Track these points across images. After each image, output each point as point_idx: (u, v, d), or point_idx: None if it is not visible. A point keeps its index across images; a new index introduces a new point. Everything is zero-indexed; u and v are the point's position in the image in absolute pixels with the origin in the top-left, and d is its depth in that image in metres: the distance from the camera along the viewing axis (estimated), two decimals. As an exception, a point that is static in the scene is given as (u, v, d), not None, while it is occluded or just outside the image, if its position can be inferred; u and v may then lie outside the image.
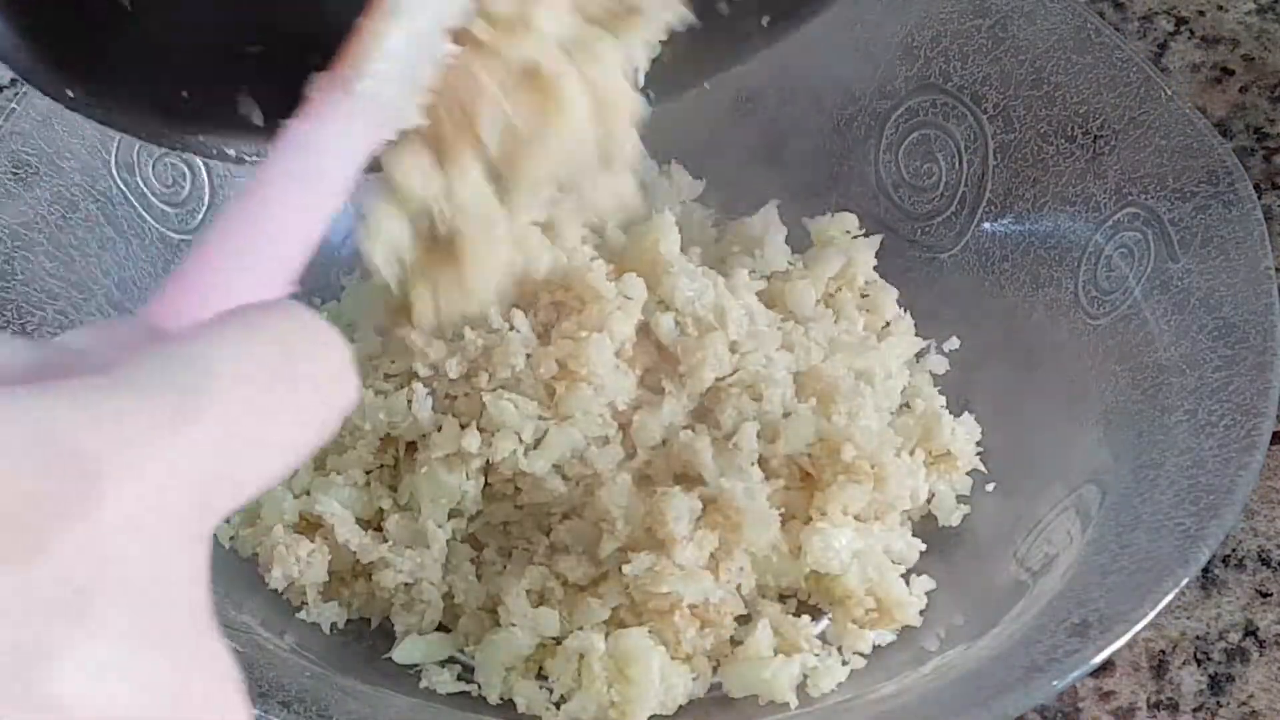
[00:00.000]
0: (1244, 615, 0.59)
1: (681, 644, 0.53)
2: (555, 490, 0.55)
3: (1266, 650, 0.58)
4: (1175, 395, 0.55)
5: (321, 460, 0.57)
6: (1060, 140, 0.61)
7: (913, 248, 0.66)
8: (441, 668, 0.54)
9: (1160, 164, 0.58)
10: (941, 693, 0.49)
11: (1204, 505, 0.50)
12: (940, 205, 0.65)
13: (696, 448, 0.55)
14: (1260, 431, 0.51)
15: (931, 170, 0.65)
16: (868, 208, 0.66)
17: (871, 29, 0.65)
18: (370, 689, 0.51)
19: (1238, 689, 0.57)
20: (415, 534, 0.55)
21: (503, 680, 0.53)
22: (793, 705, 0.53)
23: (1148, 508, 0.52)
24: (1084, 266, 0.60)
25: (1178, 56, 0.76)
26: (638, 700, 0.51)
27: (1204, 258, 0.56)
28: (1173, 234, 0.57)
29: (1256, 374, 0.53)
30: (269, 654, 0.51)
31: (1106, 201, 0.60)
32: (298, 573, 0.54)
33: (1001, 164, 0.63)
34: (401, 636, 0.55)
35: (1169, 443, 0.53)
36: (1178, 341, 0.56)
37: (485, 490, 0.56)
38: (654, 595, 0.53)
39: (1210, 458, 0.51)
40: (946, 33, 0.64)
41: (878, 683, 0.53)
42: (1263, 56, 0.75)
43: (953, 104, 0.64)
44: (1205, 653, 0.58)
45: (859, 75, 0.66)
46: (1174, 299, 0.57)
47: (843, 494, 0.55)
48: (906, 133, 0.66)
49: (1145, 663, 0.58)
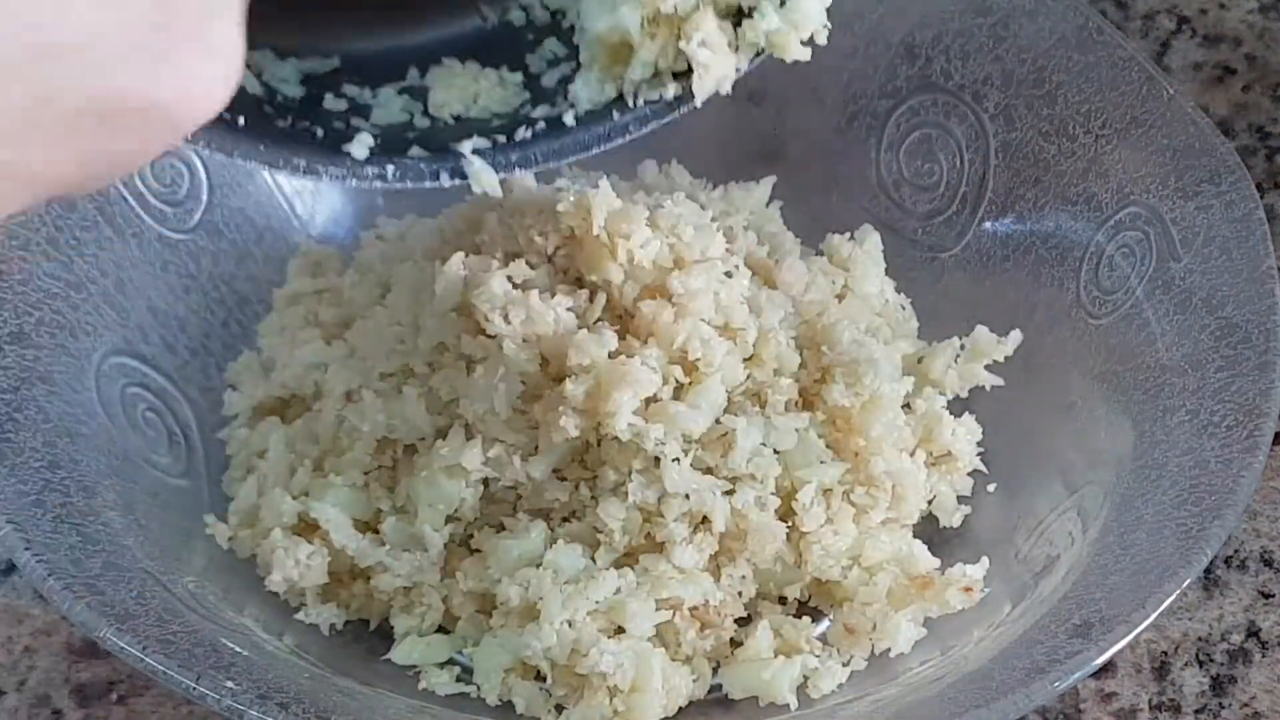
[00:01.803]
0: (1246, 616, 0.59)
1: (682, 645, 0.53)
2: (555, 495, 0.55)
3: (1269, 651, 0.58)
4: (1177, 395, 0.54)
5: (320, 462, 0.57)
6: (1062, 139, 0.61)
7: (914, 247, 0.65)
8: (440, 669, 0.54)
9: (1162, 163, 0.58)
10: (943, 694, 0.49)
11: (1206, 506, 0.50)
12: (941, 205, 0.65)
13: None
14: (1262, 432, 0.51)
15: (933, 170, 0.65)
16: (868, 207, 0.66)
17: (872, 29, 0.65)
18: (369, 690, 0.51)
19: (1240, 690, 0.57)
20: (412, 537, 0.55)
21: (501, 681, 0.53)
22: (793, 706, 0.53)
23: (1150, 508, 0.52)
24: (1085, 266, 0.60)
25: (1180, 55, 0.75)
26: (641, 709, 0.51)
27: (1206, 257, 0.56)
28: (1174, 233, 0.57)
29: (1259, 374, 0.53)
30: (268, 655, 0.50)
31: (1108, 201, 0.60)
32: (297, 575, 0.54)
33: (1003, 163, 0.63)
34: (400, 638, 0.55)
35: (1171, 443, 0.53)
36: (1180, 341, 0.56)
37: (485, 494, 0.56)
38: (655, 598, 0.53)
39: (1212, 458, 0.51)
40: (948, 32, 0.64)
41: (878, 684, 0.53)
42: (1265, 55, 0.75)
43: (954, 103, 0.64)
44: (1207, 654, 0.58)
45: (859, 75, 0.66)
46: (1176, 299, 0.57)
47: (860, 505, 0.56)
48: (908, 132, 0.65)
49: (1147, 664, 0.57)
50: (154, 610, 0.48)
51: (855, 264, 0.63)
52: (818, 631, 0.56)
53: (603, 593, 0.52)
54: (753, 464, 0.54)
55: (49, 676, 0.57)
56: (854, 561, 0.56)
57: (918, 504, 0.57)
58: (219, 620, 0.51)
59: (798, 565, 0.55)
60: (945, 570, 0.56)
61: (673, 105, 0.46)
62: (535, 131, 0.46)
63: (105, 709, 0.56)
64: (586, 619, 0.52)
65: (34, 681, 0.57)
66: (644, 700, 0.51)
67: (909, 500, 0.57)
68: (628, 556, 0.54)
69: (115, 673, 0.57)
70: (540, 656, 0.52)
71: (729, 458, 0.54)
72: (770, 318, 0.57)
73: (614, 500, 0.54)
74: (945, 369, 0.62)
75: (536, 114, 0.47)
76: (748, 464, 0.54)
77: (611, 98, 0.46)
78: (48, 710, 0.56)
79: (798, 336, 0.58)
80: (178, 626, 0.48)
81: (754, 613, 0.56)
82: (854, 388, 0.56)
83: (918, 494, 0.57)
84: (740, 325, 0.56)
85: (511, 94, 0.49)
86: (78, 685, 0.57)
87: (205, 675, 0.45)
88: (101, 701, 0.57)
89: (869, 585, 0.55)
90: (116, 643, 0.46)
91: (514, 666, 0.53)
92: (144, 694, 0.57)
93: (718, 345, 0.54)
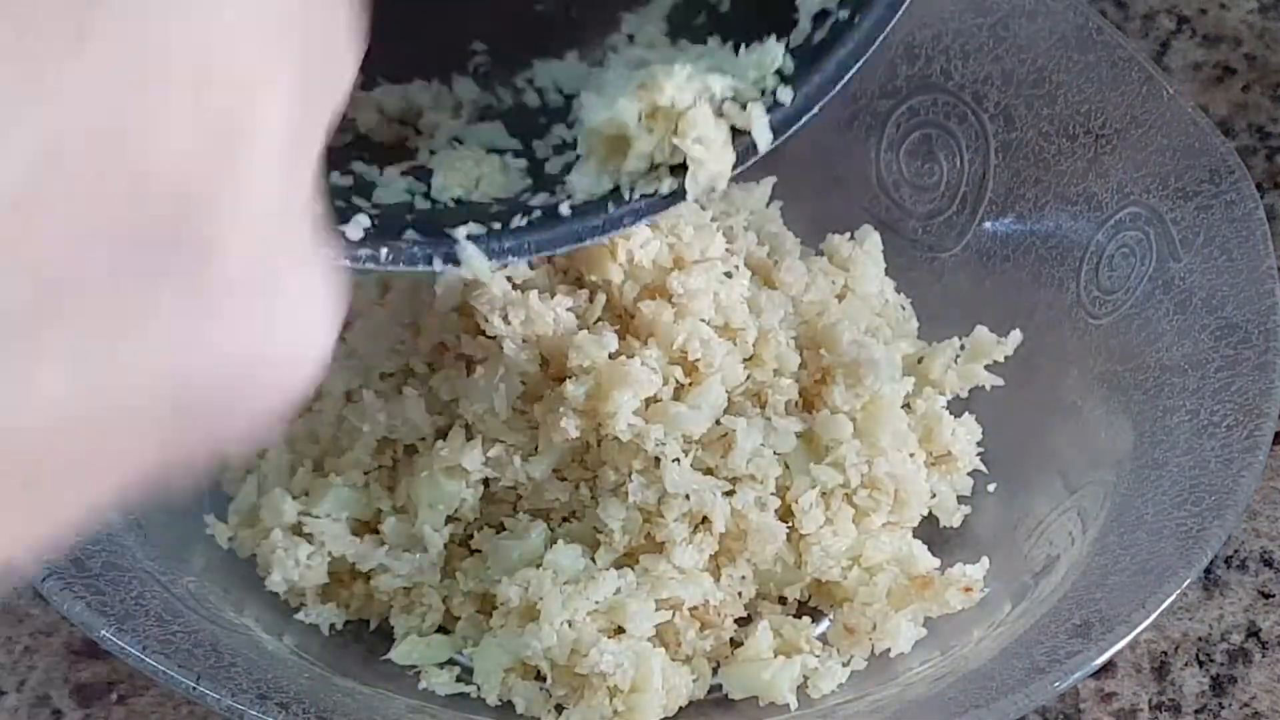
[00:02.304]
0: (1246, 616, 0.59)
1: (682, 645, 0.53)
2: (555, 495, 0.55)
3: (1269, 651, 0.58)
4: (1177, 395, 0.54)
5: (320, 462, 0.57)
6: (1062, 139, 0.61)
7: (914, 247, 0.65)
8: (440, 669, 0.54)
9: (1162, 163, 0.58)
10: (943, 694, 0.49)
11: (1206, 506, 0.50)
12: (941, 205, 0.65)
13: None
14: (1262, 432, 0.51)
15: (933, 169, 0.65)
16: (869, 207, 0.66)
17: (872, 28, 0.65)
18: (369, 690, 0.51)
19: (1240, 690, 0.57)
20: (412, 538, 0.55)
21: (501, 681, 0.53)
22: (793, 706, 0.53)
23: (1150, 508, 0.52)
24: (1085, 266, 0.60)
25: (1179, 55, 0.75)
26: (641, 709, 0.51)
27: (1206, 257, 0.56)
28: (1174, 233, 0.57)
29: (1259, 374, 0.53)
30: (268, 655, 0.50)
31: (1108, 201, 0.60)
32: (297, 576, 0.54)
33: (1003, 163, 0.63)
34: (400, 638, 0.55)
35: (1171, 443, 0.53)
36: (1180, 341, 0.56)
37: (485, 494, 0.56)
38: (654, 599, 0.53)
39: (1212, 458, 0.51)
40: (948, 31, 0.64)
41: (878, 684, 0.53)
42: (1265, 55, 0.75)
43: (954, 103, 0.64)
44: (1207, 654, 0.58)
45: (859, 75, 0.66)
46: (1176, 299, 0.57)
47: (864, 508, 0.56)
48: (908, 132, 0.65)
49: (1147, 664, 0.57)
50: (154, 610, 0.48)
51: (855, 264, 0.63)
52: (818, 631, 0.56)
53: (603, 593, 0.52)
54: (753, 464, 0.54)
55: (49, 676, 0.57)
56: (854, 562, 0.56)
57: (919, 509, 0.57)
58: (219, 620, 0.51)
59: (798, 566, 0.55)
60: (945, 570, 0.56)
61: (669, 199, 0.46)
62: (531, 220, 0.46)
63: (105, 709, 0.56)
64: (586, 619, 0.52)
65: (34, 681, 0.57)
66: (644, 700, 0.51)
67: (911, 505, 0.57)
68: (628, 557, 0.54)
69: (115, 673, 0.57)
70: (540, 656, 0.52)
71: (729, 458, 0.54)
72: (770, 318, 0.57)
73: (614, 500, 0.54)
74: (945, 369, 0.62)
75: (535, 202, 0.47)
76: (748, 464, 0.54)
77: (608, 189, 0.46)
78: (48, 710, 0.56)
79: (798, 337, 0.58)
80: (178, 626, 0.48)
81: (754, 613, 0.56)
82: (854, 389, 0.56)
83: (920, 499, 0.57)
84: (740, 325, 0.56)
85: (514, 179, 0.49)
86: (78, 685, 0.57)
87: (205, 675, 0.45)
88: (101, 701, 0.57)
89: (869, 585, 0.55)
90: (116, 643, 0.46)
91: (514, 666, 0.53)
92: (144, 694, 0.57)
93: (718, 345, 0.54)
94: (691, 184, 0.45)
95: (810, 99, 0.46)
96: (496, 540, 0.55)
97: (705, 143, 0.45)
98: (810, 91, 0.46)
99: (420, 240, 0.45)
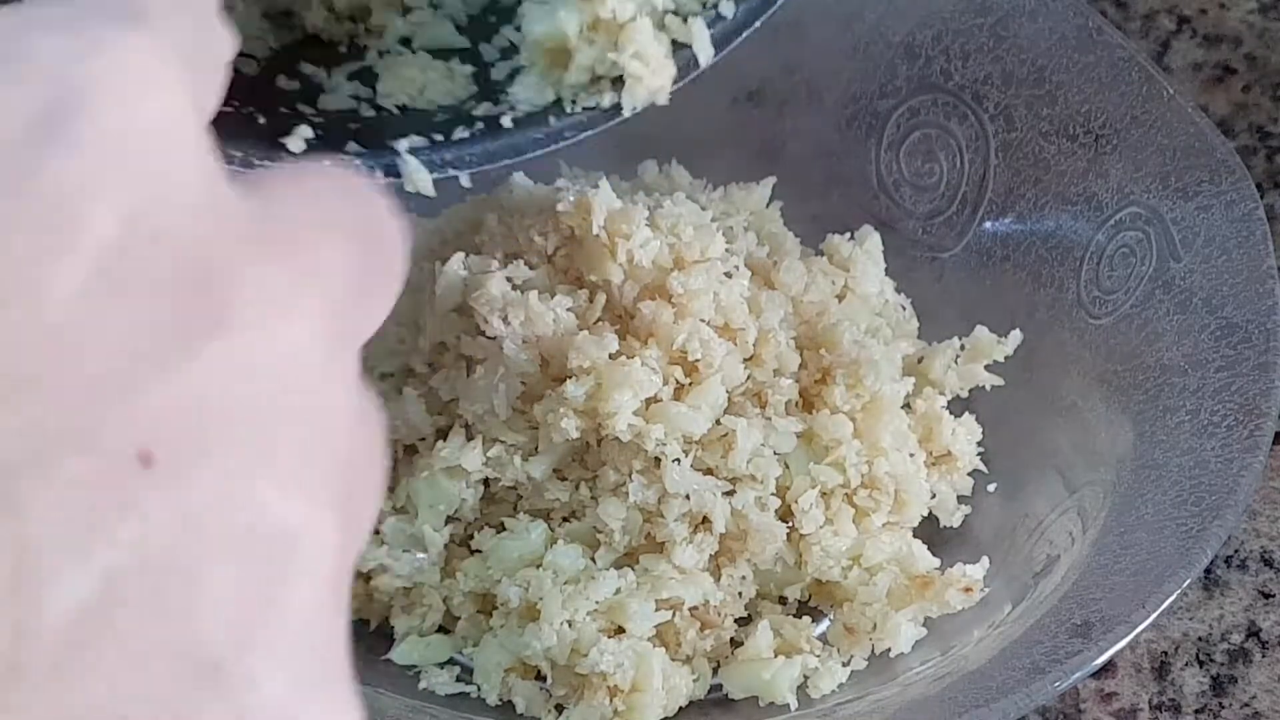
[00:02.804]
0: (1246, 616, 0.59)
1: (682, 645, 0.53)
2: (555, 495, 0.55)
3: (1269, 651, 0.58)
4: (1177, 396, 0.54)
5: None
6: (1062, 139, 0.61)
7: (914, 247, 0.65)
8: (440, 669, 0.54)
9: (1162, 163, 0.58)
10: (943, 694, 0.49)
11: (1206, 506, 0.50)
12: (941, 205, 0.65)
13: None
14: (1263, 432, 0.51)
15: (933, 170, 0.65)
16: (868, 207, 0.66)
17: (871, 28, 0.65)
18: (369, 690, 0.51)
19: (1240, 690, 0.57)
20: (412, 538, 0.55)
21: (501, 681, 0.53)
22: (793, 706, 0.53)
23: (1150, 508, 0.52)
24: (1085, 266, 0.60)
25: (1180, 55, 0.75)
26: (641, 709, 0.51)
27: (1206, 257, 0.56)
28: (1175, 233, 0.57)
29: (1259, 374, 0.53)
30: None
31: (1108, 201, 0.60)
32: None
33: (1003, 163, 0.63)
34: (400, 638, 0.55)
35: (1171, 443, 0.53)
36: (1180, 341, 0.56)
37: (485, 494, 0.56)
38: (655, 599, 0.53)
39: (1213, 458, 0.51)
40: (948, 31, 0.64)
41: (878, 684, 0.53)
42: (1265, 55, 0.75)
43: (954, 103, 0.64)
44: (1207, 654, 0.58)
45: (859, 75, 0.66)
46: (1176, 299, 0.57)
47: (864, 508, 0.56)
48: (908, 132, 0.65)
49: (1147, 664, 0.57)
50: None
51: (855, 264, 0.63)
52: (818, 631, 0.56)
53: (603, 593, 0.52)
54: (753, 464, 0.54)
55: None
56: (854, 561, 0.56)
57: (919, 509, 0.57)
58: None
59: (798, 566, 0.55)
60: (945, 570, 0.56)
61: (610, 113, 0.45)
62: (472, 132, 0.46)
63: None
64: (586, 619, 0.52)
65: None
66: (644, 700, 0.51)
67: (911, 505, 0.57)
68: (628, 556, 0.54)
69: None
70: (540, 656, 0.52)
71: (729, 458, 0.54)
72: (770, 318, 0.57)
73: (614, 500, 0.54)
74: (945, 369, 0.62)
75: (478, 111, 0.47)
76: (748, 464, 0.54)
77: (550, 101, 0.46)
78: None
79: (797, 337, 0.58)
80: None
81: (754, 613, 0.56)
82: (854, 389, 0.56)
83: (920, 499, 0.57)
84: (740, 326, 0.56)
85: (459, 86, 0.48)
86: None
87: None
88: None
89: (869, 585, 0.55)
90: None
91: (514, 666, 0.53)
92: (144, 694, 0.57)
93: (718, 346, 0.54)
94: (628, 99, 0.45)
95: (752, 12, 0.45)
96: (496, 540, 0.55)
97: (643, 58, 0.44)
98: (752, 4, 0.45)
99: (362, 152, 0.45)
